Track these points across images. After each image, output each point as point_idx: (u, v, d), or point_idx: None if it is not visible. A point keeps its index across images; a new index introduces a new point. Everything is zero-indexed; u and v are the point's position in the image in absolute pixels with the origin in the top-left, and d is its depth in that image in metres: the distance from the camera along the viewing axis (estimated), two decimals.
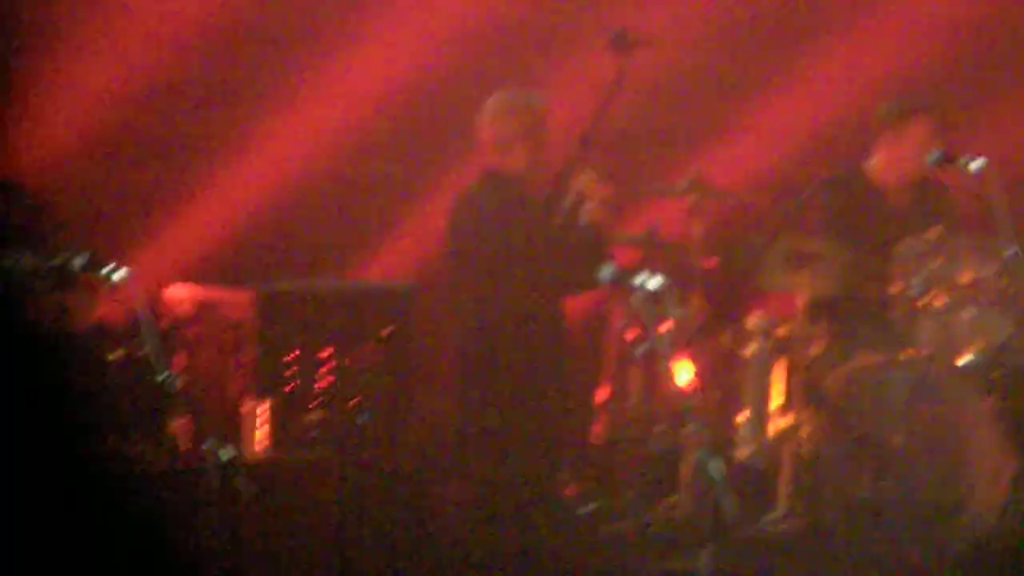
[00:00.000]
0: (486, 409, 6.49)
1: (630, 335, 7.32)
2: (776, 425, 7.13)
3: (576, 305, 6.94)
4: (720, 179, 7.68)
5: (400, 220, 8.36)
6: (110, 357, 6.47)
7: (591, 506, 6.91)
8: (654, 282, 5.81)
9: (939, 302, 7.22)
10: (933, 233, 7.31)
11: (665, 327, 5.70)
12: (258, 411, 6.73)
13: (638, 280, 5.81)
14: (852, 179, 7.71)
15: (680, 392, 6.65)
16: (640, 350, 7.21)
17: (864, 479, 6.86)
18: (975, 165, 6.85)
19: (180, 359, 6.82)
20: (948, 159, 6.96)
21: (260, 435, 6.71)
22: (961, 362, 7.12)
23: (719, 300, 7.38)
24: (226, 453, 5.31)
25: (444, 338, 6.76)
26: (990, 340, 7.17)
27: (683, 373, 7.13)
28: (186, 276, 7.55)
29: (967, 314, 7.19)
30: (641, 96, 7.94)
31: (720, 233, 7.73)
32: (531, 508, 6.32)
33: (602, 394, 7.36)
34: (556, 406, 6.49)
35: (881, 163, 7.70)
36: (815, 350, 7.24)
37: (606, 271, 5.81)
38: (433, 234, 7.29)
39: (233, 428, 6.67)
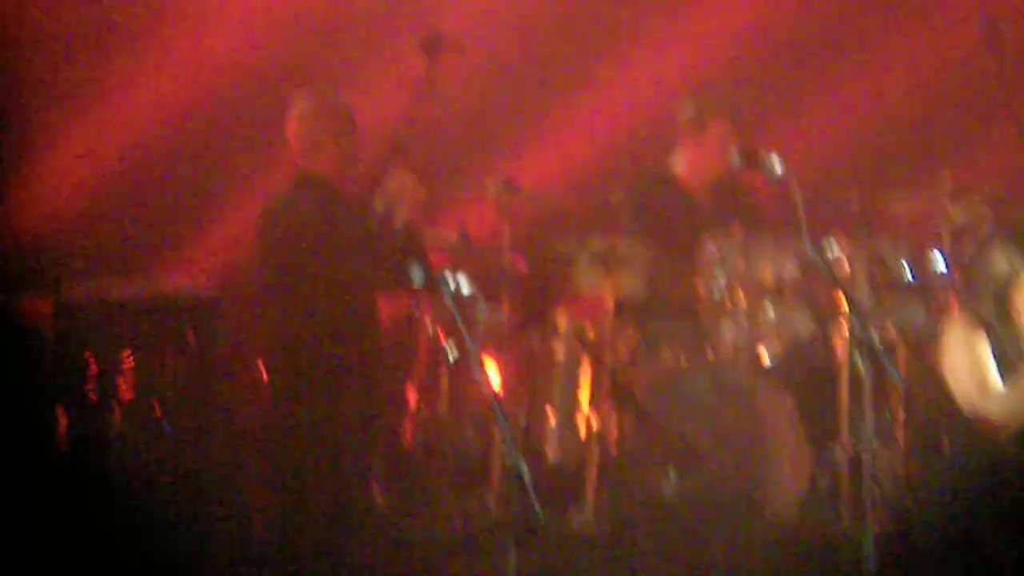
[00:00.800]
0: (295, 414, 6.45)
1: (440, 337, 7.34)
2: (585, 426, 7.21)
3: (386, 308, 6.92)
4: (529, 181, 7.74)
5: (206, 224, 8.25)
6: None
7: (400, 509, 6.91)
8: (464, 284, 5.84)
9: (743, 302, 7.37)
10: (736, 233, 7.47)
11: (475, 329, 5.73)
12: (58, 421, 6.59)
13: (448, 282, 5.83)
14: (658, 180, 7.83)
15: (489, 394, 6.69)
16: (450, 352, 7.25)
17: (670, 477, 6.97)
18: (776, 166, 6.97)
19: None
20: (750, 160, 7.09)
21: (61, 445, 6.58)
22: (764, 361, 7.28)
23: (528, 302, 7.43)
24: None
25: (252, 343, 6.69)
26: (791, 338, 7.34)
27: (492, 375, 7.18)
28: None
29: (769, 313, 7.36)
30: (451, 98, 7.95)
31: (529, 234, 7.79)
32: (341, 512, 6.30)
33: (412, 397, 7.37)
34: (367, 410, 6.48)
35: (685, 163, 7.83)
36: (623, 350, 7.34)
37: (417, 274, 5.82)
38: (241, 238, 7.22)
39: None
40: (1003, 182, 7.75)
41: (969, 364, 5.41)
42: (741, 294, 7.35)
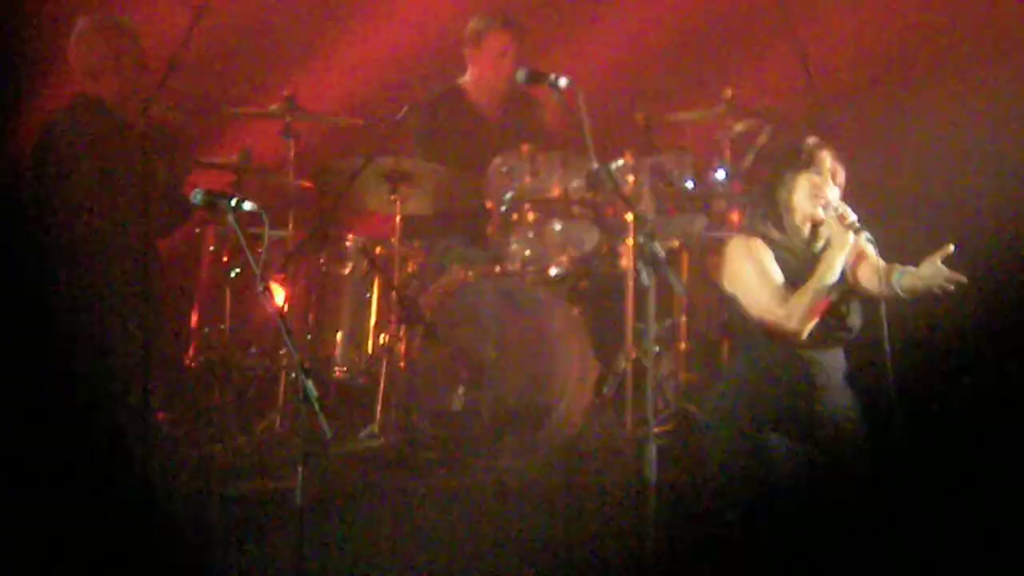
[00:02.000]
0: (75, 335, 6.35)
1: (224, 258, 7.26)
2: (373, 342, 7.21)
3: None
4: (314, 101, 7.67)
5: None
6: None
7: (184, 429, 6.84)
8: (247, 204, 5.78)
9: (530, 216, 7.44)
10: (524, 149, 7.52)
11: (259, 249, 5.68)
12: None
13: (231, 203, 5.76)
14: (446, 98, 7.85)
15: (275, 314, 6.65)
16: (234, 273, 7.17)
17: (459, 391, 7.01)
18: (562, 82, 7.01)
19: None
20: (535, 76, 7.09)
21: None
22: (551, 273, 7.36)
23: (315, 221, 7.38)
24: None
25: (26, 265, 6.54)
26: (577, 251, 7.43)
27: (278, 295, 7.13)
28: None
29: (556, 227, 7.43)
30: (233, 19, 7.84)
31: (315, 155, 7.74)
32: (123, 435, 6.22)
33: (195, 318, 7.29)
34: (148, 330, 6.39)
35: (471, 80, 7.88)
36: (411, 268, 7.35)
37: (197, 195, 5.74)
38: (12, 162, 7.04)
39: None
40: (781, 98, 7.92)
41: (758, 274, 5.51)
42: (528, 209, 7.42)
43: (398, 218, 7.23)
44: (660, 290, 6.62)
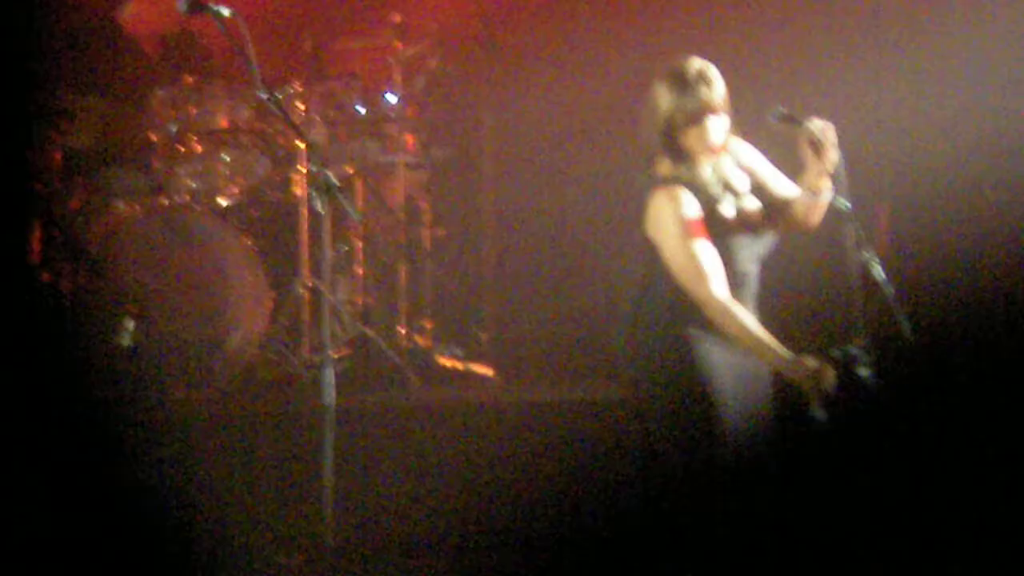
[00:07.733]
0: None
1: None
2: (36, 281, 6.88)
3: None
4: None
5: None
6: None
7: None
8: None
9: (197, 148, 7.24)
10: (187, 79, 7.31)
11: None
12: None
13: None
14: (100, 31, 7.57)
15: None
16: None
17: (128, 326, 6.76)
18: (224, 11, 6.81)
19: None
20: (196, 6, 6.83)
21: None
22: (221, 204, 7.18)
23: None
24: None
25: None
26: (248, 181, 7.28)
27: None
28: None
29: (225, 157, 7.26)
30: None
31: None
32: None
33: None
34: None
35: (134, 13, 7.62)
36: (74, 204, 7.07)
37: None
38: None
39: None
40: (450, 19, 7.88)
41: (679, 236, 4.67)
42: (196, 140, 7.22)
43: (58, 153, 6.92)
44: (335, 216, 6.56)
